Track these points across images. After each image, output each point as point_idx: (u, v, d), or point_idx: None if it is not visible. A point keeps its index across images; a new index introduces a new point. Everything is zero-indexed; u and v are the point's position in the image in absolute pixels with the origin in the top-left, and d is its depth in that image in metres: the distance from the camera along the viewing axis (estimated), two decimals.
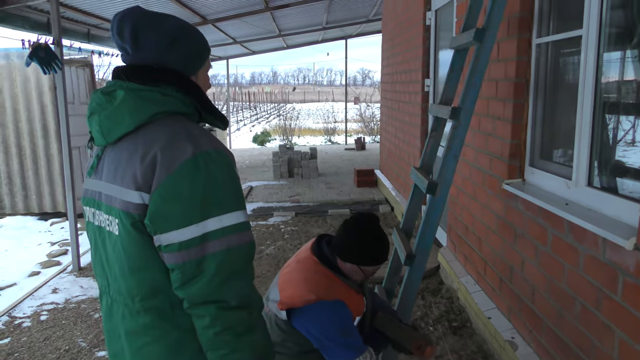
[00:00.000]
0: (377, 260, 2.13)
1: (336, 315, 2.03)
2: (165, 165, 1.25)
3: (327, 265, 2.14)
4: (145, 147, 1.29)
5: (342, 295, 2.08)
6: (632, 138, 2.46)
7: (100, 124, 1.34)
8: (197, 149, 1.28)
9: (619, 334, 2.05)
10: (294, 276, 2.16)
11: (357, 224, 2.15)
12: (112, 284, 1.41)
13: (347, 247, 2.12)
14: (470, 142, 3.81)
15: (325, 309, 2.02)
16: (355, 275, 2.15)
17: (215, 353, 1.31)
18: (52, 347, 3.59)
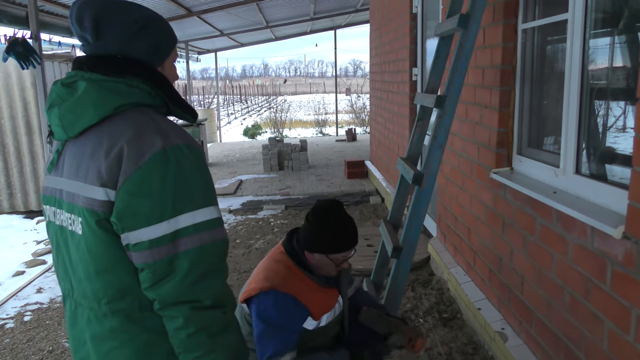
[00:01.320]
0: (343, 247, 2.02)
1: (281, 308, 1.93)
2: (133, 160, 1.18)
3: (293, 258, 2.07)
4: (110, 140, 1.22)
5: (300, 289, 1.99)
6: (620, 124, 2.41)
7: (61, 117, 1.27)
8: (167, 142, 1.21)
9: (608, 324, 2.01)
10: (258, 268, 2.11)
11: (318, 212, 2.05)
12: (76, 287, 1.33)
13: (310, 238, 2.03)
14: (458, 131, 3.75)
15: (274, 297, 1.93)
16: (327, 267, 2.06)
17: (189, 355, 1.25)
18: (35, 348, 3.52)
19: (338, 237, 2.02)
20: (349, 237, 2.04)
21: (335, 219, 2.03)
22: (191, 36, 12.53)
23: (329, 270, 2.07)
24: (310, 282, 2.04)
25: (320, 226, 2.02)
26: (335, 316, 2.12)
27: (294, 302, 1.96)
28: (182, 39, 12.31)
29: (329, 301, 2.09)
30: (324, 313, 2.05)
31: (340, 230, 2.03)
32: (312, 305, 2.00)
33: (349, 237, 2.04)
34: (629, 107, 2.36)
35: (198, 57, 15.81)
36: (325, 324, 2.07)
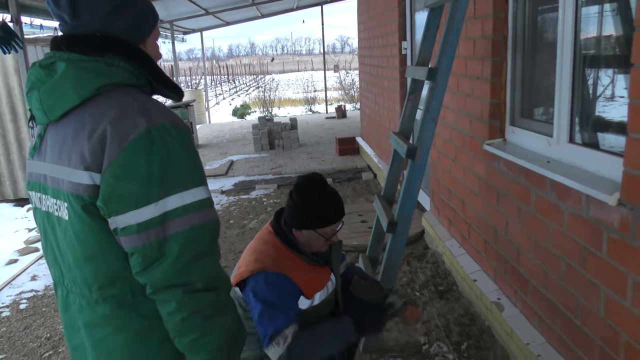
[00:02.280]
0: (330, 219, 1.99)
1: (274, 287, 1.92)
2: (117, 142, 1.14)
3: (281, 238, 2.04)
4: (92, 122, 1.17)
5: (291, 268, 1.97)
6: (612, 93, 2.39)
7: (41, 100, 1.22)
8: (151, 122, 1.17)
9: (604, 290, 2.03)
10: (248, 250, 2.08)
11: (300, 189, 2.02)
12: (66, 273, 1.31)
13: (296, 215, 2.00)
14: (450, 104, 3.73)
15: (267, 278, 1.92)
16: (316, 243, 2.03)
17: (184, 339, 1.23)
18: (32, 335, 3.51)
19: (324, 210, 1.99)
20: (335, 209, 2.01)
21: (318, 193, 2.00)
22: (176, 16, 12.31)
23: (320, 246, 2.05)
24: (300, 261, 2.02)
25: (304, 202, 1.98)
26: (328, 294, 2.11)
27: (287, 282, 1.94)
28: (166, 18, 12.11)
29: (321, 279, 2.07)
30: (316, 292, 2.03)
31: (325, 203, 2.00)
32: (303, 284, 1.98)
33: (335, 209, 2.01)
34: (622, 76, 2.34)
35: (183, 38, 15.58)
36: (318, 302, 2.06)
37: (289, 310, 1.94)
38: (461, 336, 3.07)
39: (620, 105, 2.24)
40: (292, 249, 2.03)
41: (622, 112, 2.19)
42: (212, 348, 1.25)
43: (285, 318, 1.92)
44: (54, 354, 3.24)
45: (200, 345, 1.24)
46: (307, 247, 2.05)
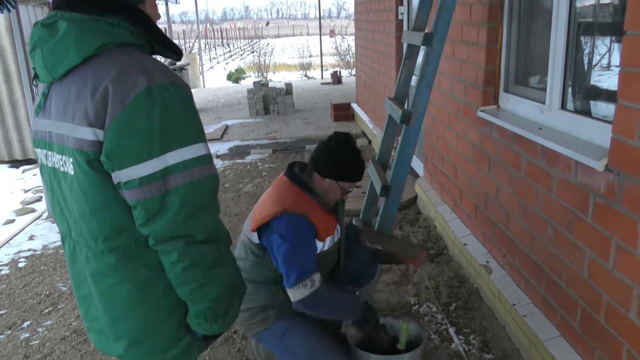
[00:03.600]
0: (355, 176, 2.18)
1: (297, 227, 2.05)
2: (119, 99, 1.18)
3: (297, 184, 2.17)
4: (94, 80, 1.21)
5: (309, 210, 2.10)
6: (606, 61, 2.42)
7: (44, 58, 1.25)
8: (152, 81, 1.20)
9: (589, 253, 2.10)
10: (265, 198, 2.20)
11: (337, 140, 2.20)
12: (72, 226, 1.36)
13: (327, 162, 2.16)
14: (445, 70, 3.74)
15: (289, 218, 2.04)
16: (332, 194, 2.19)
17: (185, 288, 1.30)
18: (32, 293, 3.58)
19: (355, 166, 2.18)
20: (361, 169, 2.21)
21: (354, 150, 2.20)
22: None
23: (334, 197, 2.21)
24: (316, 204, 2.15)
25: (340, 153, 2.16)
26: (334, 242, 2.24)
27: (306, 221, 2.07)
28: None
29: (332, 225, 2.22)
30: (328, 236, 2.18)
31: (356, 161, 2.19)
32: (319, 225, 2.11)
33: (361, 170, 2.21)
34: (615, 45, 2.37)
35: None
36: (327, 248, 2.19)
37: (312, 252, 2.08)
38: (450, 297, 3.17)
39: (612, 74, 2.28)
40: (311, 192, 2.16)
41: (614, 80, 2.22)
42: (212, 297, 1.33)
43: (313, 262, 2.05)
44: (54, 310, 3.32)
45: (200, 294, 1.31)
46: (323, 195, 2.19)
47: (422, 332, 2.34)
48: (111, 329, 1.41)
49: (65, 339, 2.99)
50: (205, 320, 1.36)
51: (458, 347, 2.70)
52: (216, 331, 1.41)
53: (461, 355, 2.64)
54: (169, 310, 1.39)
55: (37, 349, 2.92)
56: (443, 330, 2.86)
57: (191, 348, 1.46)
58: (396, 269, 3.54)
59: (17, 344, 2.98)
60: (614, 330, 1.96)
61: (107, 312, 1.39)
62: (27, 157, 7.18)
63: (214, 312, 1.35)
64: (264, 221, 2.08)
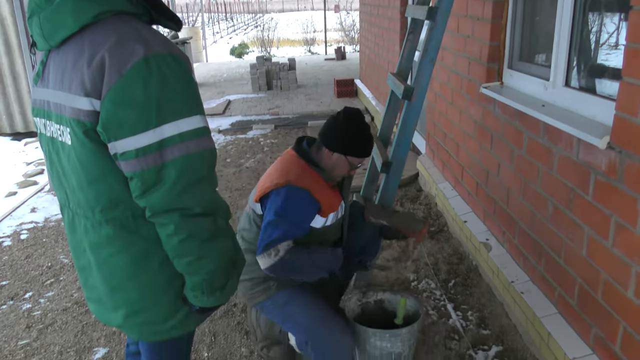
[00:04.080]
0: (364, 151, 2.18)
1: (296, 201, 2.06)
2: (115, 69, 1.16)
3: (305, 158, 2.17)
4: (91, 49, 1.19)
5: (313, 186, 2.10)
6: (612, 39, 2.38)
7: (41, 26, 1.23)
8: (149, 51, 1.19)
9: (588, 231, 2.10)
10: (270, 171, 2.21)
11: (348, 114, 2.20)
12: (71, 197, 1.36)
13: (337, 136, 2.16)
14: (449, 46, 3.70)
15: (289, 191, 2.05)
16: (339, 169, 2.19)
17: (181, 260, 1.31)
18: (34, 264, 3.61)
19: (364, 142, 2.18)
20: (371, 146, 2.22)
21: (365, 125, 2.20)
22: None
23: (341, 173, 2.21)
24: (321, 179, 2.15)
25: (351, 128, 2.16)
26: (337, 219, 2.24)
27: (308, 196, 2.07)
28: None
29: (336, 201, 2.21)
30: (332, 211, 2.18)
31: (366, 137, 2.19)
32: (323, 200, 2.11)
33: (370, 146, 2.22)
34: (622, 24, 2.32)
35: None
36: (330, 223, 2.20)
37: (297, 228, 2.06)
38: (449, 274, 3.18)
39: (618, 52, 2.24)
40: (318, 168, 2.16)
41: (620, 58, 2.19)
42: (208, 270, 1.33)
43: (285, 232, 2.03)
44: (56, 282, 3.35)
45: (197, 267, 1.31)
46: (330, 171, 2.19)
47: (419, 308, 2.36)
48: (109, 298, 1.42)
49: (67, 310, 3.02)
50: (202, 293, 1.36)
51: (456, 322, 2.72)
52: (213, 304, 1.41)
53: (459, 331, 2.66)
54: (166, 282, 1.39)
55: (39, 319, 2.96)
56: (441, 306, 2.88)
57: (189, 320, 1.47)
58: (396, 245, 3.56)
59: (20, 314, 3.01)
60: (611, 308, 1.96)
61: (105, 282, 1.40)
62: (29, 129, 7.17)
63: (211, 284, 1.36)
64: (266, 191, 2.09)
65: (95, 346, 2.69)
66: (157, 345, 1.56)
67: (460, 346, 2.54)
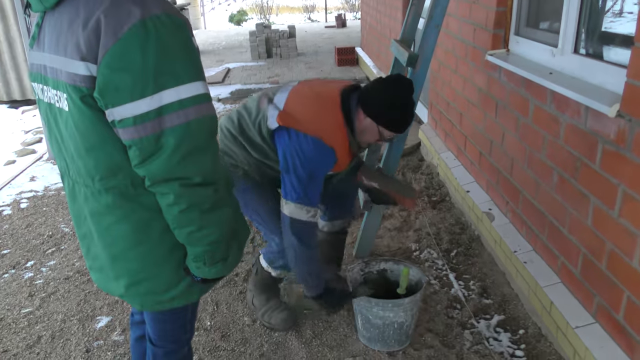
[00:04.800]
0: (400, 127, 2.08)
1: (321, 158, 2.04)
2: (111, 31, 1.11)
3: (345, 114, 2.08)
4: (86, 11, 1.14)
5: (339, 145, 2.07)
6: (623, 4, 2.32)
7: None
8: (146, 12, 1.13)
9: (594, 200, 2.07)
10: (309, 102, 2.11)
11: (397, 83, 2.06)
12: (70, 164, 1.33)
13: (377, 102, 2.04)
14: (454, 12, 3.61)
15: (317, 146, 2.01)
16: (368, 135, 2.11)
17: (182, 230, 1.28)
18: (35, 233, 3.60)
19: (403, 117, 2.07)
20: (409, 122, 2.10)
21: (410, 101, 2.08)
22: None
23: (369, 139, 2.14)
24: (347, 144, 2.11)
25: (396, 99, 2.04)
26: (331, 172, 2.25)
27: (332, 156, 2.05)
28: None
29: (347, 163, 2.21)
30: (340, 169, 2.22)
31: (408, 112, 2.08)
32: (339, 161, 2.10)
33: (408, 122, 2.10)
34: None
35: None
36: None
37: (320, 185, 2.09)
38: (451, 244, 3.18)
39: (630, 17, 2.18)
40: (350, 130, 2.10)
41: (631, 24, 2.13)
42: (210, 240, 1.30)
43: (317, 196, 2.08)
44: (57, 251, 3.35)
45: (198, 237, 1.29)
46: (359, 134, 2.12)
47: (422, 277, 2.36)
48: (111, 267, 1.40)
49: (69, 279, 3.02)
50: (204, 264, 1.34)
51: (458, 292, 2.73)
52: (215, 275, 1.39)
53: (460, 300, 2.66)
54: (168, 252, 1.37)
55: (41, 287, 2.96)
56: (443, 275, 2.88)
57: (191, 290, 1.45)
58: (398, 215, 3.54)
59: (22, 283, 3.01)
60: (616, 278, 1.96)
61: (107, 251, 1.38)
62: (26, 97, 7.09)
63: (212, 255, 1.34)
64: (294, 127, 2.02)
65: (98, 315, 2.69)
66: (161, 315, 1.55)
67: (462, 315, 2.55)
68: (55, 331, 2.59)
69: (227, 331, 2.53)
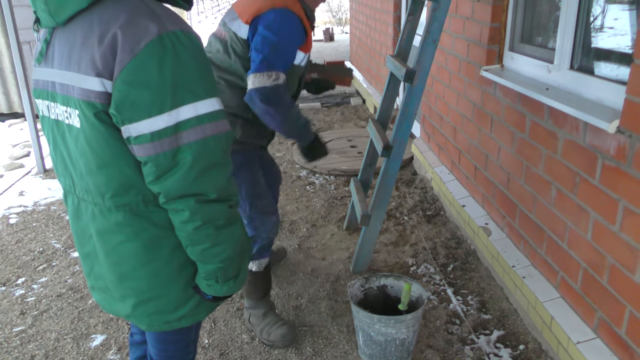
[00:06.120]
0: None
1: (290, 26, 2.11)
2: (128, 47, 1.10)
3: None
4: (102, 26, 1.13)
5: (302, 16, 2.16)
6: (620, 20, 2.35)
7: (46, 1, 1.16)
8: (163, 29, 1.13)
9: (594, 215, 2.09)
10: None
11: None
12: (77, 182, 1.30)
13: None
14: (447, 28, 3.65)
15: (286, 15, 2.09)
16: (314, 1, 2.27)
17: (196, 248, 1.26)
18: (25, 249, 3.53)
19: None
20: None
21: None
22: None
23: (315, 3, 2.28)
24: (306, 19, 2.21)
25: None
26: (305, 62, 2.30)
27: (300, 24, 2.14)
28: None
29: (310, 42, 2.28)
30: (308, 51, 2.26)
31: None
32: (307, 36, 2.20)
33: None
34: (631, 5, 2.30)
35: None
36: (303, 64, 2.27)
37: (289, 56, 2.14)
38: (447, 258, 3.17)
39: (626, 34, 2.21)
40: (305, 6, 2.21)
41: (627, 40, 2.17)
42: (223, 257, 1.29)
43: (284, 63, 2.12)
44: (48, 267, 3.28)
45: (211, 254, 1.28)
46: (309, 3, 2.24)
47: (423, 293, 2.35)
48: (117, 287, 1.37)
49: (62, 296, 2.96)
50: (216, 282, 1.33)
51: (456, 307, 2.72)
52: (226, 292, 1.38)
53: (459, 316, 2.65)
54: (177, 270, 1.35)
55: (33, 305, 2.90)
56: (441, 290, 2.87)
57: (199, 309, 1.43)
58: (393, 229, 3.54)
59: (13, 300, 2.95)
60: (617, 292, 1.96)
61: (114, 270, 1.35)
62: (13, 110, 6.99)
63: (225, 272, 1.32)
64: (263, 11, 2.09)
65: (92, 333, 2.64)
66: (165, 335, 1.52)
67: (462, 331, 2.54)
68: (48, 350, 2.53)
69: (225, 349, 2.49)
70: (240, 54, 2.16)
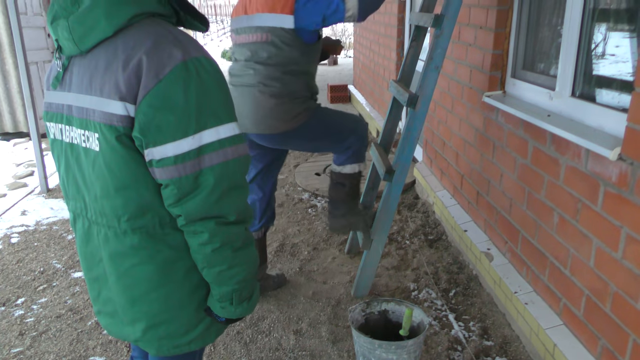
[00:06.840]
0: None
1: None
2: (153, 72, 1.13)
3: None
4: (126, 52, 1.15)
5: None
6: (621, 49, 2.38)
7: (70, 30, 1.18)
8: (187, 55, 1.16)
9: (596, 242, 2.08)
10: None
11: None
12: (91, 205, 1.31)
13: None
14: (449, 54, 3.69)
15: None
16: None
17: (212, 270, 1.28)
18: (26, 269, 3.53)
19: None
20: None
21: None
22: None
23: None
24: None
25: None
26: None
27: None
28: None
29: None
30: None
31: None
32: None
33: None
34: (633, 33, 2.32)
35: None
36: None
37: None
38: (449, 283, 3.16)
39: (626, 61, 2.24)
40: None
41: (628, 67, 2.19)
42: (239, 279, 1.31)
43: None
44: (48, 288, 3.27)
45: (227, 276, 1.29)
46: None
47: (424, 319, 2.33)
48: (128, 311, 1.36)
49: (61, 317, 2.95)
50: (230, 304, 1.33)
51: (458, 333, 2.70)
52: (239, 314, 1.38)
53: (461, 342, 2.63)
54: (190, 292, 1.35)
55: (32, 326, 2.88)
56: (443, 316, 2.85)
57: (209, 331, 1.43)
58: (395, 253, 3.53)
59: (12, 321, 2.93)
60: (620, 320, 1.95)
61: (125, 294, 1.34)
62: (18, 130, 7.05)
63: (240, 294, 1.33)
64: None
65: (91, 355, 2.62)
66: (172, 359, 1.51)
67: (464, 357, 2.51)
68: None
69: None
70: (292, 44, 2.36)
